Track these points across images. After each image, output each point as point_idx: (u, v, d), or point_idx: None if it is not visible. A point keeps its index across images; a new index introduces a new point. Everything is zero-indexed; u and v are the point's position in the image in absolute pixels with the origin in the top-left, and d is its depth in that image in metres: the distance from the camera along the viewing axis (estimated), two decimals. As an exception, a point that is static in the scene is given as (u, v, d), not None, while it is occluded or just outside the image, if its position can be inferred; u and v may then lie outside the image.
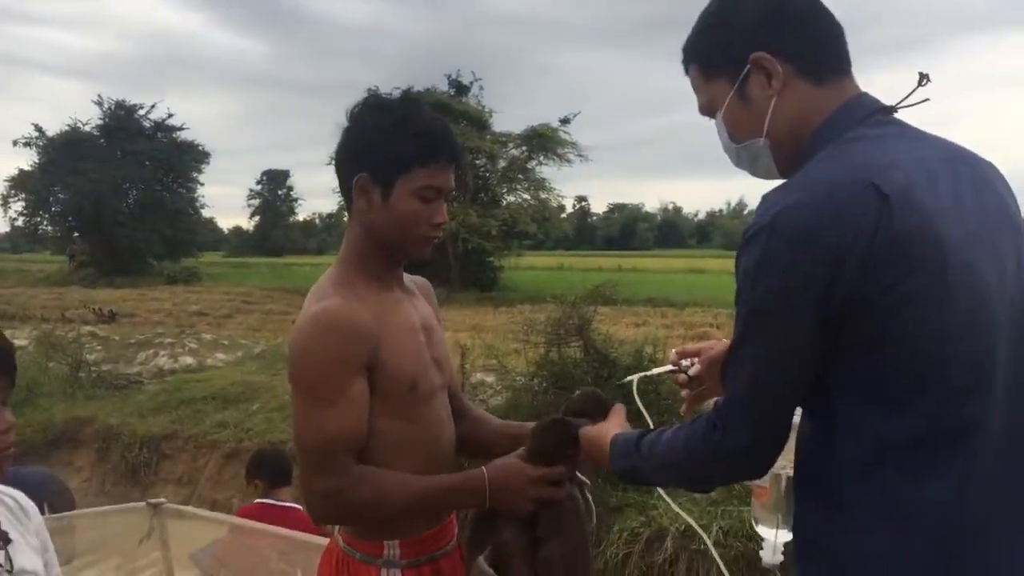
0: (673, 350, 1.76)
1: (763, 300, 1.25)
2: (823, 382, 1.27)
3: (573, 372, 7.27)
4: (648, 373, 1.85)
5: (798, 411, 1.36)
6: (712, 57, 1.45)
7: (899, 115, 1.38)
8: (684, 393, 1.72)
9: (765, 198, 1.29)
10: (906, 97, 1.36)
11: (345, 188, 1.77)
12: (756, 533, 1.74)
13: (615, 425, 1.66)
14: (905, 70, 1.43)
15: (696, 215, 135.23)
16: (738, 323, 1.31)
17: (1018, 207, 1.37)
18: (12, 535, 1.46)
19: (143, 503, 3.85)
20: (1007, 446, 1.26)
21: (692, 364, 1.69)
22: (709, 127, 1.53)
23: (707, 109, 1.49)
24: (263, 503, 4.15)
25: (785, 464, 1.43)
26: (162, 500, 3.87)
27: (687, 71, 1.51)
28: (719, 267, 43.83)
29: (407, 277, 1.90)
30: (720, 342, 1.69)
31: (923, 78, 1.34)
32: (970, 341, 1.24)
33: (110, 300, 21.06)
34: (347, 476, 1.65)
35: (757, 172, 1.48)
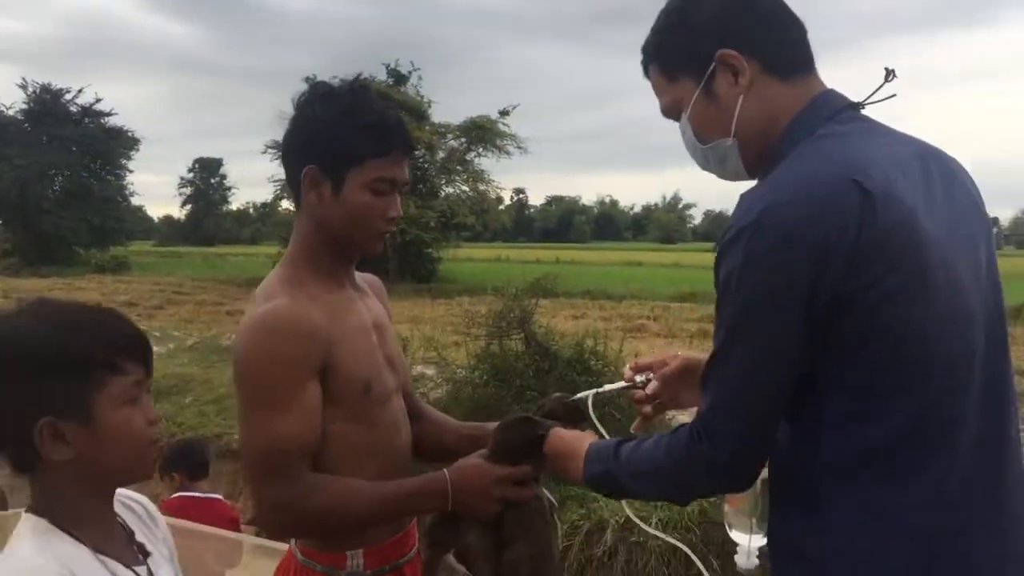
0: (627, 366, 1.71)
1: (749, 302, 1.23)
2: (812, 383, 1.25)
3: (514, 365, 7.25)
4: (602, 390, 1.72)
5: None
6: (676, 56, 1.41)
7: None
8: (645, 409, 1.66)
9: (743, 198, 1.27)
10: (873, 93, 1.35)
11: (293, 181, 1.69)
12: (693, 526, 1.73)
13: (590, 436, 1.59)
14: (830, 69, 1.43)
15: (632, 208, 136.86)
16: (721, 327, 1.28)
17: (983, 201, 1.38)
18: (148, 547, 1.36)
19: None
20: (983, 442, 1.27)
21: (648, 380, 1.64)
22: (647, 121, 1.50)
23: (671, 111, 1.45)
24: (187, 496, 4.06)
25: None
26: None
27: (647, 72, 1.47)
28: (655, 260, 44.38)
29: (357, 275, 1.84)
30: (675, 355, 1.66)
31: (889, 74, 1.34)
32: (951, 342, 1.24)
33: (36, 289, 20.40)
34: (301, 485, 1.57)
35: (725, 173, 1.45)
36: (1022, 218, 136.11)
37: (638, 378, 1.65)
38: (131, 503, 1.42)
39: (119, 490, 1.37)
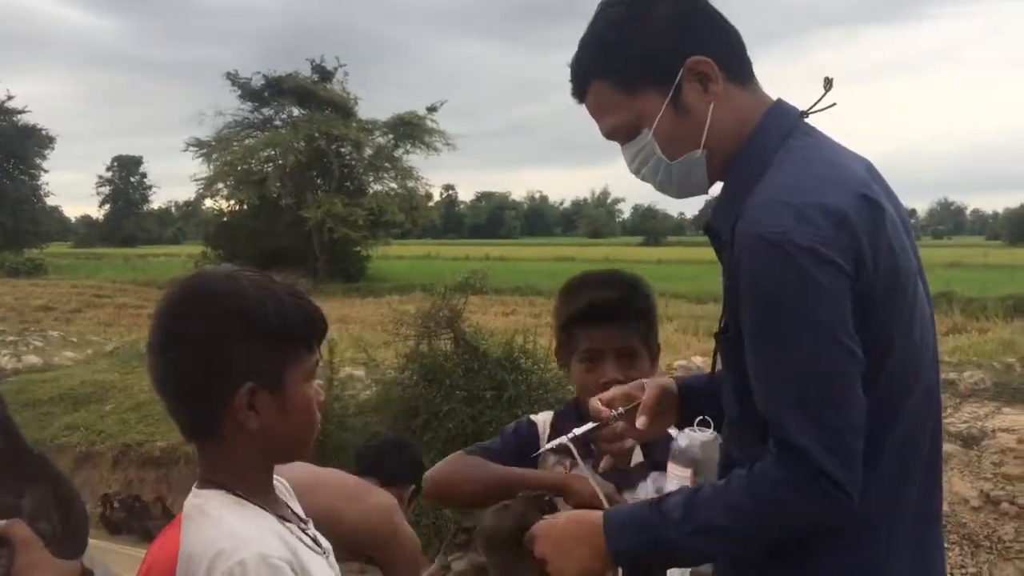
0: (592, 401, 1.52)
1: (805, 320, 1.15)
2: None
3: (444, 365, 7.21)
4: (577, 433, 1.50)
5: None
6: (634, 67, 1.30)
7: None
8: (628, 444, 1.53)
9: (761, 208, 1.19)
10: (816, 102, 1.32)
11: None
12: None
13: (585, 514, 1.36)
14: (768, 64, 1.39)
15: (562, 204, 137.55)
16: (780, 345, 1.17)
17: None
18: (302, 515, 1.35)
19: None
20: (933, 440, 1.30)
21: (622, 412, 1.48)
22: (576, 116, 1.36)
23: (627, 129, 1.34)
24: None
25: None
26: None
27: (583, 93, 1.36)
28: (585, 255, 44.65)
29: None
30: (638, 385, 1.51)
31: (828, 83, 1.31)
32: (928, 350, 1.28)
33: (-57, 295, 19.57)
34: None
35: (684, 190, 1.36)
36: (937, 209, 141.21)
37: (613, 412, 1.48)
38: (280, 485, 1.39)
39: None
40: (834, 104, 1.32)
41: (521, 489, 1.56)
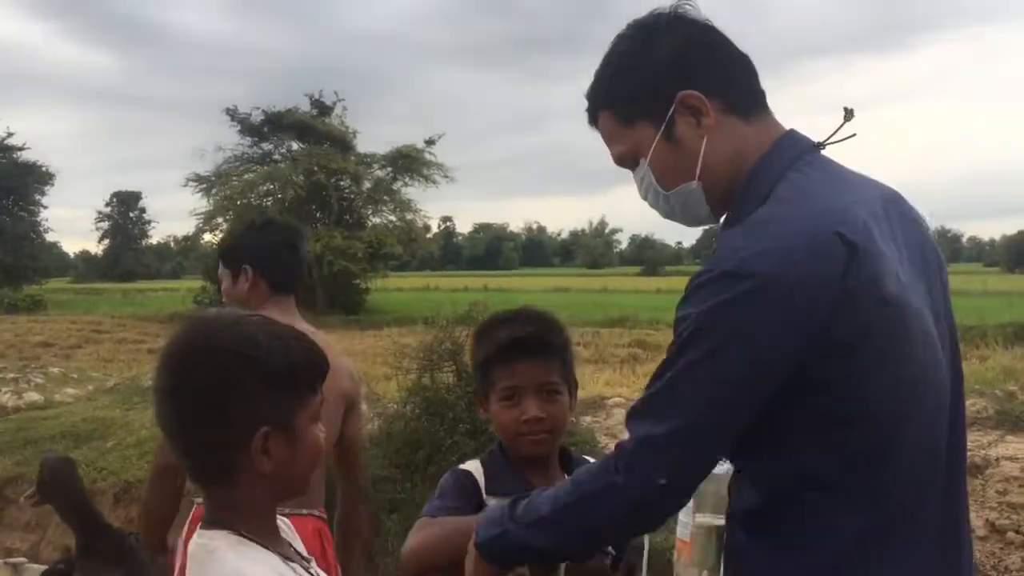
0: None
1: (706, 350, 1.16)
2: (786, 471, 1.21)
3: (446, 397, 7.19)
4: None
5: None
6: (631, 100, 1.34)
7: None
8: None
9: (723, 240, 1.22)
10: (834, 133, 1.33)
11: None
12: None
13: None
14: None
15: (560, 234, 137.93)
16: (668, 368, 1.20)
17: (933, 241, 1.38)
18: (304, 553, 1.38)
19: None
20: (942, 539, 1.25)
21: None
22: (573, 146, 1.41)
23: (628, 158, 1.38)
24: None
25: (717, 516, 1.35)
26: (22, 560, 3.59)
27: (594, 121, 1.41)
28: (583, 285, 44.70)
29: None
30: None
31: (848, 113, 1.32)
32: (923, 414, 1.22)
33: (-57, 332, 19.53)
34: None
35: (688, 219, 1.39)
36: (934, 236, 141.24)
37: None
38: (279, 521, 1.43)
39: None
40: (854, 135, 1.32)
41: None
